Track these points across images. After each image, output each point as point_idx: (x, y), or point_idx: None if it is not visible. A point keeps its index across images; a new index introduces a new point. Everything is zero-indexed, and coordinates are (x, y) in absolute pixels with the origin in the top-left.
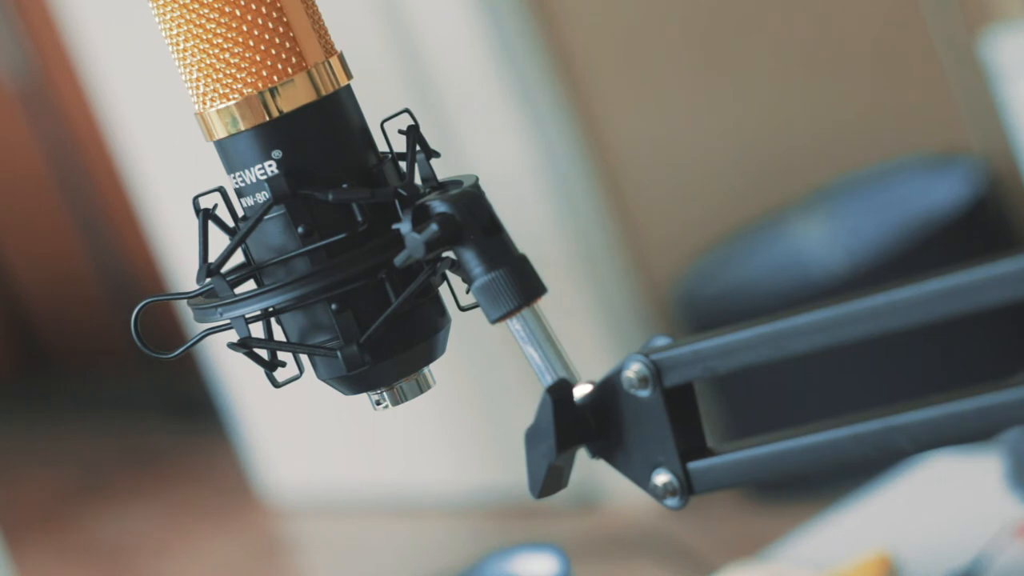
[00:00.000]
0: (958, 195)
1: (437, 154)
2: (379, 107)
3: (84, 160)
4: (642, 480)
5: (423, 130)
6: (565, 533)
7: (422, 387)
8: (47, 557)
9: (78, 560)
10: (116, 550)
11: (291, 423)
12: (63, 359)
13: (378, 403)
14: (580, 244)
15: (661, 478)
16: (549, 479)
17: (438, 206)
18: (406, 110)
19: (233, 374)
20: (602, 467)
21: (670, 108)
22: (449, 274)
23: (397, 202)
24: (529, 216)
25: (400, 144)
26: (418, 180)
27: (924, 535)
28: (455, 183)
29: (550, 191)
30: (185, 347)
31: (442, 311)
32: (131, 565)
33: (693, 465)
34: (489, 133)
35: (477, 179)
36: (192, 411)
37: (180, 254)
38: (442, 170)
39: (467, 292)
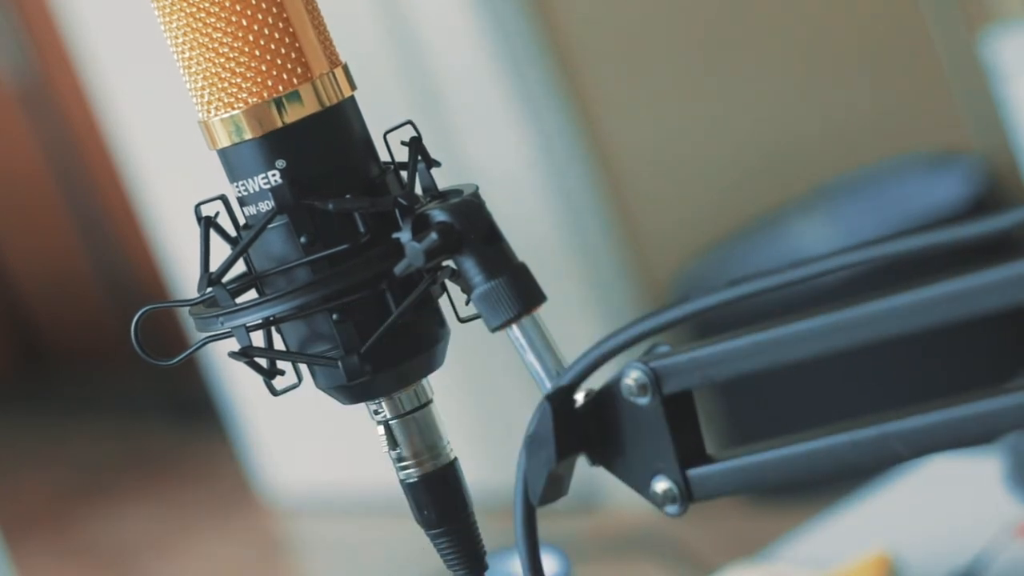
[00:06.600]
0: (958, 195)
1: (438, 163)
2: (379, 110)
3: (84, 160)
4: (642, 487)
5: (424, 135)
6: (565, 533)
7: (420, 398)
8: (47, 557)
9: (78, 561)
10: (116, 551)
11: (291, 424)
12: (63, 359)
13: (376, 412)
14: (580, 244)
15: (661, 485)
16: (550, 487)
17: (438, 215)
18: (409, 121)
19: (234, 375)
20: (602, 469)
21: (670, 108)
22: (449, 285)
23: (397, 211)
24: (529, 216)
25: (403, 154)
26: (419, 190)
27: (924, 535)
28: (455, 192)
29: (550, 191)
30: (185, 354)
31: (442, 322)
32: (131, 566)
33: (693, 472)
34: (489, 134)
35: (477, 188)
36: (193, 412)
37: (180, 253)
38: (443, 172)
39: (467, 303)
